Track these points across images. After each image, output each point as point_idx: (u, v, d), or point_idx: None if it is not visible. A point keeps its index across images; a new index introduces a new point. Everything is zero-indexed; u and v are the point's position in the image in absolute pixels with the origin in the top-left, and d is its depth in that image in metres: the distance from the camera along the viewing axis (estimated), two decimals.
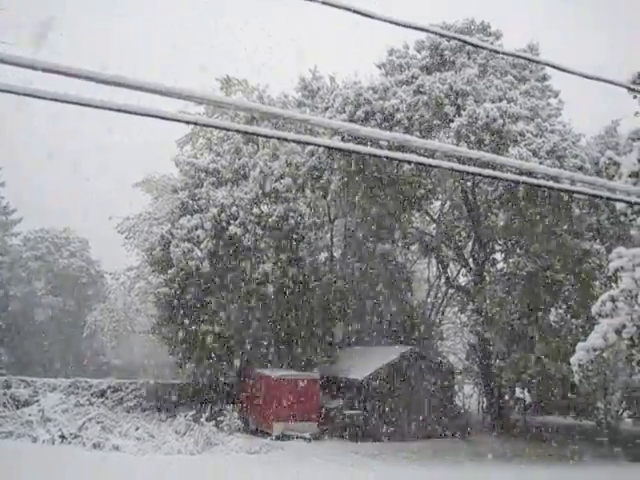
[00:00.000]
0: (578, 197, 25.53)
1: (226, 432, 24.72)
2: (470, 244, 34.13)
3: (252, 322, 30.54)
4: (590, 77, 6.09)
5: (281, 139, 17.31)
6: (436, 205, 35.57)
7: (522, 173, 13.78)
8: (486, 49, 29.41)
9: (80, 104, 4.14)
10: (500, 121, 25.82)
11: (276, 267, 29.74)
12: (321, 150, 28.29)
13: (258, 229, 30.15)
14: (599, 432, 29.17)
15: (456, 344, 40.09)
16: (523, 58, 28.47)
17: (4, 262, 45.79)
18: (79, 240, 49.37)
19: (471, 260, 33.48)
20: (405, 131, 26.70)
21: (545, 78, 33.28)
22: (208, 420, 24.07)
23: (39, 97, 4.01)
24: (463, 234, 34.88)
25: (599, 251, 26.94)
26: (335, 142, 14.06)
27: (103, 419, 24.40)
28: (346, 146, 6.14)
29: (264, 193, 30.88)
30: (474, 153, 6.79)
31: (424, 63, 32.41)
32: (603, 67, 9.49)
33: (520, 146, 25.41)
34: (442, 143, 23.84)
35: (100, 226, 39.52)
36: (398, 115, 27.38)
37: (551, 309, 29.80)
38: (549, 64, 6.73)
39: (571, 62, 6.31)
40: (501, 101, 27.39)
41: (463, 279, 36.28)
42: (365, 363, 28.15)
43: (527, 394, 32.31)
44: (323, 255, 34.75)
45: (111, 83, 4.09)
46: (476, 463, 23.05)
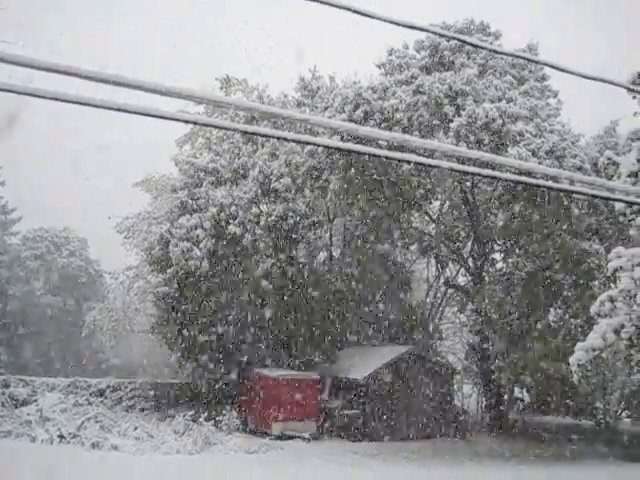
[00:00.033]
0: (577, 197, 25.56)
1: (225, 432, 24.70)
2: (469, 244, 34.13)
3: (251, 321, 30.53)
4: (589, 77, 6.10)
5: (280, 139, 17.30)
6: (435, 205, 35.57)
7: (521, 173, 13.79)
8: (485, 49, 29.43)
9: (80, 103, 4.14)
10: (499, 121, 25.83)
11: (275, 267, 29.74)
12: (320, 150, 28.28)
13: (257, 229, 30.14)
14: (598, 432, 29.22)
15: (455, 344, 40.12)
16: (522, 58, 28.49)
17: (3, 261, 45.76)
18: (78, 239, 49.36)
19: (470, 260, 33.49)
20: (404, 131, 26.71)
21: (544, 78, 33.30)
22: (207, 420, 24.03)
23: (39, 96, 4.01)
24: (462, 234, 34.89)
25: (598, 251, 26.95)
26: (334, 142, 14.04)
27: (102, 419, 24.36)
28: (345, 146, 6.14)
29: (263, 193, 30.87)
30: (473, 153, 6.80)
31: (423, 63, 32.44)
32: (603, 67, 9.50)
33: (519, 146, 25.43)
34: (441, 143, 23.85)
35: (99, 225, 39.49)
36: (397, 115, 27.38)
37: (550, 309, 29.82)
38: (548, 64, 6.74)
39: (571, 62, 6.31)
40: (500, 101, 27.42)
41: (462, 279, 36.31)
42: (364, 363, 28.15)
43: (526, 394, 32.33)
44: (322, 255, 34.74)
45: (111, 82, 4.10)
46: (475, 463, 23.08)
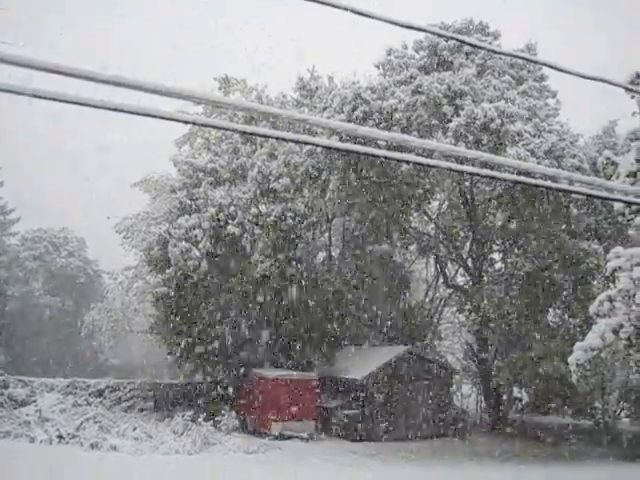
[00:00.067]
0: (576, 197, 25.61)
1: (224, 432, 24.68)
2: (468, 244, 34.15)
3: (250, 322, 30.52)
4: (588, 77, 6.10)
5: (279, 139, 17.29)
6: (434, 205, 35.58)
7: (520, 173, 13.80)
8: (484, 49, 29.44)
9: (80, 104, 4.14)
10: (498, 121, 25.85)
11: (274, 267, 29.72)
12: (319, 150, 28.28)
13: (256, 229, 30.13)
14: (597, 432, 29.22)
15: (454, 344, 40.13)
16: (521, 58, 28.53)
17: (2, 262, 45.74)
18: (77, 240, 49.36)
19: (469, 260, 33.51)
20: (403, 131, 26.72)
21: (543, 78, 33.33)
22: (206, 420, 24.02)
23: (39, 97, 4.01)
24: (461, 234, 34.90)
25: (597, 251, 26.99)
26: (333, 142, 14.04)
27: (101, 419, 24.34)
28: (344, 146, 6.14)
29: (262, 193, 30.86)
30: (472, 153, 6.81)
31: (422, 63, 32.48)
32: (603, 67, 9.51)
33: (518, 146, 25.46)
34: (440, 143, 23.86)
35: (98, 226, 39.48)
36: (396, 115, 27.40)
37: (549, 309, 29.86)
38: (547, 64, 6.74)
39: (571, 62, 6.31)
40: (499, 101, 27.44)
41: (461, 279, 36.32)
42: (363, 363, 28.15)
43: (525, 394, 32.36)
44: (321, 255, 34.73)
45: (111, 83, 4.09)
46: (475, 463, 23.07)
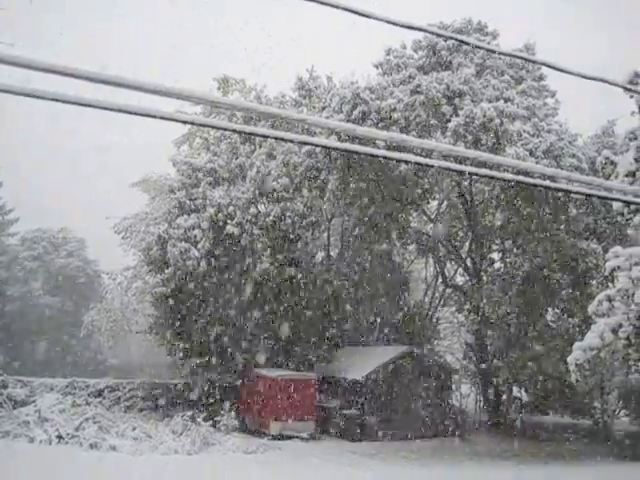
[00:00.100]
0: (575, 197, 25.62)
1: (223, 432, 24.66)
2: (467, 244, 34.15)
3: (249, 322, 30.53)
4: (586, 77, 6.11)
5: (278, 139, 17.27)
6: (433, 205, 35.58)
7: (519, 173, 13.83)
8: (483, 49, 29.47)
9: (79, 104, 4.14)
10: (497, 121, 25.86)
11: (273, 267, 29.73)
12: (318, 150, 28.28)
13: (255, 229, 30.12)
14: (596, 431, 29.27)
15: (453, 344, 40.12)
16: (520, 58, 28.53)
17: (1, 262, 45.72)
18: (76, 240, 49.32)
19: (468, 260, 33.51)
20: (402, 131, 26.71)
21: (542, 78, 33.35)
22: (205, 420, 24.02)
23: (38, 97, 4.01)
24: (460, 234, 34.91)
25: (596, 250, 27.00)
26: (332, 142, 14.05)
27: (100, 419, 24.32)
28: (343, 146, 6.16)
29: (261, 193, 30.86)
30: (471, 153, 6.81)
31: (421, 63, 32.49)
32: (603, 67, 9.51)
33: (517, 146, 25.47)
34: (439, 143, 23.87)
35: (97, 226, 39.45)
36: (395, 115, 27.38)
37: (548, 308, 29.88)
38: (546, 64, 6.75)
39: (571, 62, 6.31)
40: (498, 101, 27.45)
41: (460, 279, 36.31)
42: (363, 363, 28.15)
43: (524, 393, 32.38)
44: (320, 255, 34.73)
45: (110, 83, 4.09)
46: (475, 462, 23.09)
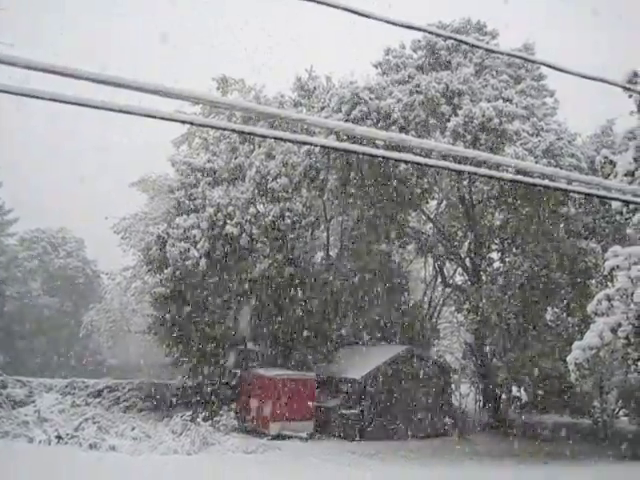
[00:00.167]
0: (574, 196, 25.64)
1: (222, 432, 24.65)
2: (466, 243, 34.14)
3: (248, 322, 30.51)
4: (585, 76, 6.11)
5: (277, 139, 17.26)
6: (432, 204, 35.56)
7: (518, 172, 13.83)
8: (482, 49, 29.42)
9: (78, 104, 4.13)
10: (496, 120, 25.88)
11: (272, 267, 29.71)
12: (317, 150, 28.29)
13: (254, 229, 30.11)
14: (595, 431, 29.28)
15: (453, 343, 40.13)
16: (519, 57, 28.52)
17: (0, 262, 45.73)
18: (75, 240, 49.33)
19: (467, 259, 33.51)
20: (401, 131, 26.72)
21: (541, 77, 33.40)
22: (204, 420, 24.00)
23: (37, 97, 4.01)
24: (459, 233, 34.89)
25: (595, 250, 27.02)
26: (331, 142, 14.04)
27: (99, 419, 24.32)
28: (342, 146, 6.16)
29: (260, 193, 30.85)
30: (470, 152, 6.81)
31: (420, 63, 32.52)
32: (603, 67, 9.52)
33: (516, 145, 25.49)
34: (438, 142, 23.88)
35: (96, 226, 39.49)
36: (394, 114, 27.40)
37: (547, 308, 29.88)
38: (545, 63, 6.75)
39: (571, 62, 6.31)
40: (497, 100, 27.48)
41: (459, 278, 36.31)
42: (362, 362, 28.15)
43: (523, 393, 32.36)
44: (319, 255, 34.72)
45: (110, 84, 4.09)
46: (474, 462, 23.09)
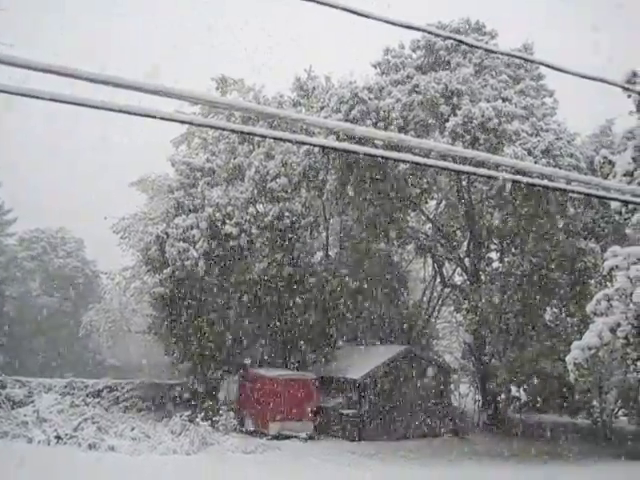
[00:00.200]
0: (573, 196, 25.63)
1: (222, 432, 24.64)
2: (465, 243, 34.14)
3: (248, 322, 30.52)
4: (584, 76, 6.10)
5: (277, 139, 17.28)
6: (431, 204, 35.55)
7: (517, 172, 13.82)
8: (481, 49, 29.46)
9: (77, 104, 4.13)
10: (495, 120, 25.88)
11: (272, 267, 29.71)
12: (316, 150, 28.28)
13: (254, 229, 30.11)
14: (595, 430, 29.27)
15: (452, 343, 40.11)
16: (518, 57, 28.54)
17: (0, 262, 45.70)
18: (74, 240, 49.28)
19: (466, 259, 33.49)
20: (400, 131, 26.72)
21: (540, 77, 33.40)
22: (204, 420, 24.00)
23: (37, 97, 4.00)
24: (458, 233, 34.88)
25: (594, 250, 27.02)
26: (330, 142, 14.05)
27: (99, 419, 24.31)
28: (341, 146, 6.16)
29: (259, 193, 30.85)
30: (469, 152, 6.82)
31: (419, 63, 32.52)
32: (603, 67, 9.52)
33: (515, 145, 25.49)
34: (437, 142, 23.88)
35: (95, 226, 39.45)
36: (393, 114, 27.40)
37: (546, 308, 29.87)
38: (544, 63, 6.74)
39: (570, 62, 6.31)
40: (496, 100, 27.48)
41: (458, 278, 36.28)
42: (361, 362, 28.14)
43: (523, 393, 32.34)
44: (318, 254, 34.71)
45: (110, 84, 4.08)
46: (474, 462, 23.08)
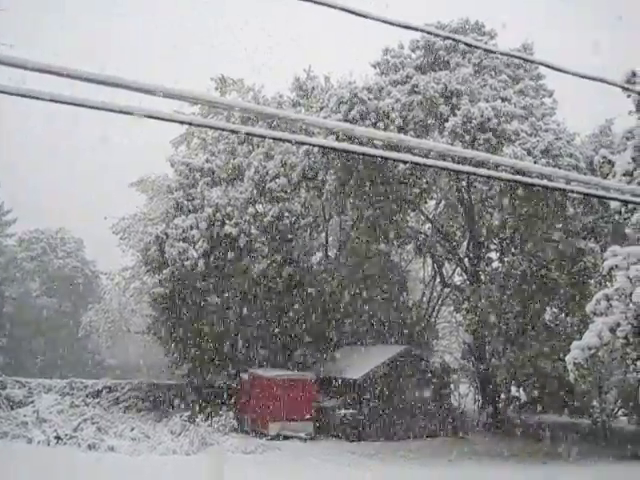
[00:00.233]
0: (572, 196, 25.62)
1: (221, 432, 24.61)
2: (465, 243, 34.15)
3: (247, 322, 30.51)
4: (584, 76, 6.10)
5: (276, 139, 17.30)
6: (431, 204, 35.55)
7: (517, 172, 13.82)
8: (480, 49, 29.46)
9: (77, 104, 4.12)
10: (494, 120, 25.87)
11: (271, 267, 29.71)
12: (316, 150, 28.26)
13: (253, 229, 30.11)
14: (594, 430, 29.25)
15: (451, 343, 40.14)
16: (518, 57, 28.52)
17: None
18: (74, 240, 49.26)
19: (466, 259, 33.50)
20: (400, 131, 26.71)
21: (539, 77, 33.38)
22: (203, 420, 24.01)
23: (36, 98, 3.99)
24: (458, 233, 34.89)
25: (593, 250, 27.00)
26: (330, 142, 14.04)
27: (98, 420, 24.33)
28: (341, 146, 6.14)
29: (259, 193, 30.85)
30: (469, 152, 6.81)
31: (419, 63, 32.49)
32: (603, 67, 9.50)
33: (515, 145, 25.48)
34: (437, 143, 23.88)
35: (95, 226, 39.48)
36: (393, 115, 27.38)
37: (546, 308, 29.85)
38: (543, 63, 6.74)
39: (570, 62, 6.30)
40: (495, 100, 27.47)
41: (458, 278, 36.29)
42: (361, 363, 28.14)
43: (522, 393, 32.35)
44: (318, 255, 34.72)
45: (109, 84, 4.07)
46: (473, 462, 23.06)
